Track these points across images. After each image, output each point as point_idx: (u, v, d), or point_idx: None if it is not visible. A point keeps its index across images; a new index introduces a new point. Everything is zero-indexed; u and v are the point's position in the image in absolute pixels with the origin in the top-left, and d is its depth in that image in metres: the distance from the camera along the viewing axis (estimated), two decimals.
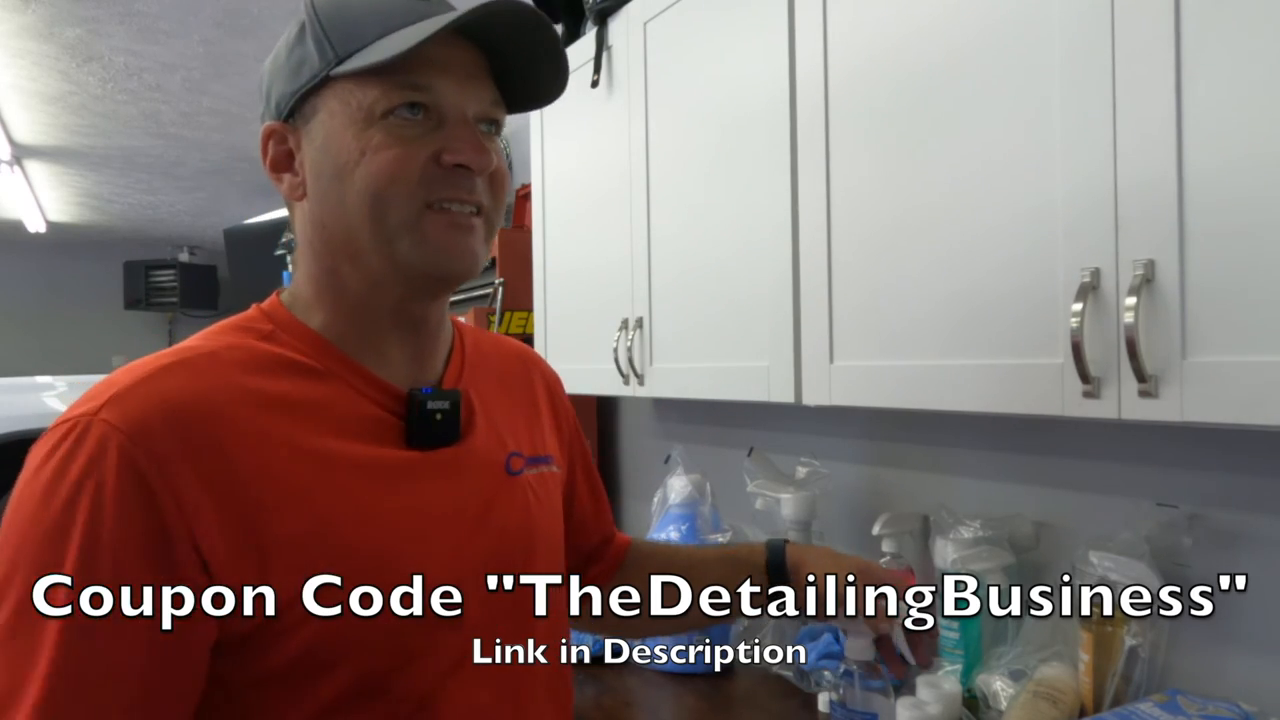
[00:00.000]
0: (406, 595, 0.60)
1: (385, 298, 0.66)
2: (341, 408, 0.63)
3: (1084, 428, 1.16)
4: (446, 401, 0.67)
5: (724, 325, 1.34)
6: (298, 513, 0.58)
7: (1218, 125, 0.73)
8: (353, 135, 0.61)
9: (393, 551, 0.61)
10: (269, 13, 3.01)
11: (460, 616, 0.63)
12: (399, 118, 0.61)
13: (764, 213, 1.24)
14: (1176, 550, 1.04)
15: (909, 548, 1.33)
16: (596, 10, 1.64)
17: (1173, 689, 0.96)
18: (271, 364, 0.62)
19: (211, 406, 0.57)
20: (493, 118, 0.66)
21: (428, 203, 0.63)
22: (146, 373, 0.58)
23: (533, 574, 0.69)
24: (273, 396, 0.60)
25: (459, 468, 0.67)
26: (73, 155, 4.77)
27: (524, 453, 0.74)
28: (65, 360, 7.39)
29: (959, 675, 1.17)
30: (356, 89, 0.61)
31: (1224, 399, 0.72)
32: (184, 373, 0.59)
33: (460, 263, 0.65)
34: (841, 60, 1.12)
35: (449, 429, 0.67)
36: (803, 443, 1.64)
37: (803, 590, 0.81)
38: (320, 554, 0.58)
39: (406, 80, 0.61)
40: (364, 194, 0.61)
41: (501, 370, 0.80)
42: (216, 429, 0.56)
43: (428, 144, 0.62)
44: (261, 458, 0.58)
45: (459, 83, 0.63)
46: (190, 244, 7.76)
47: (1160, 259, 0.76)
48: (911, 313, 1.03)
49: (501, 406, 0.76)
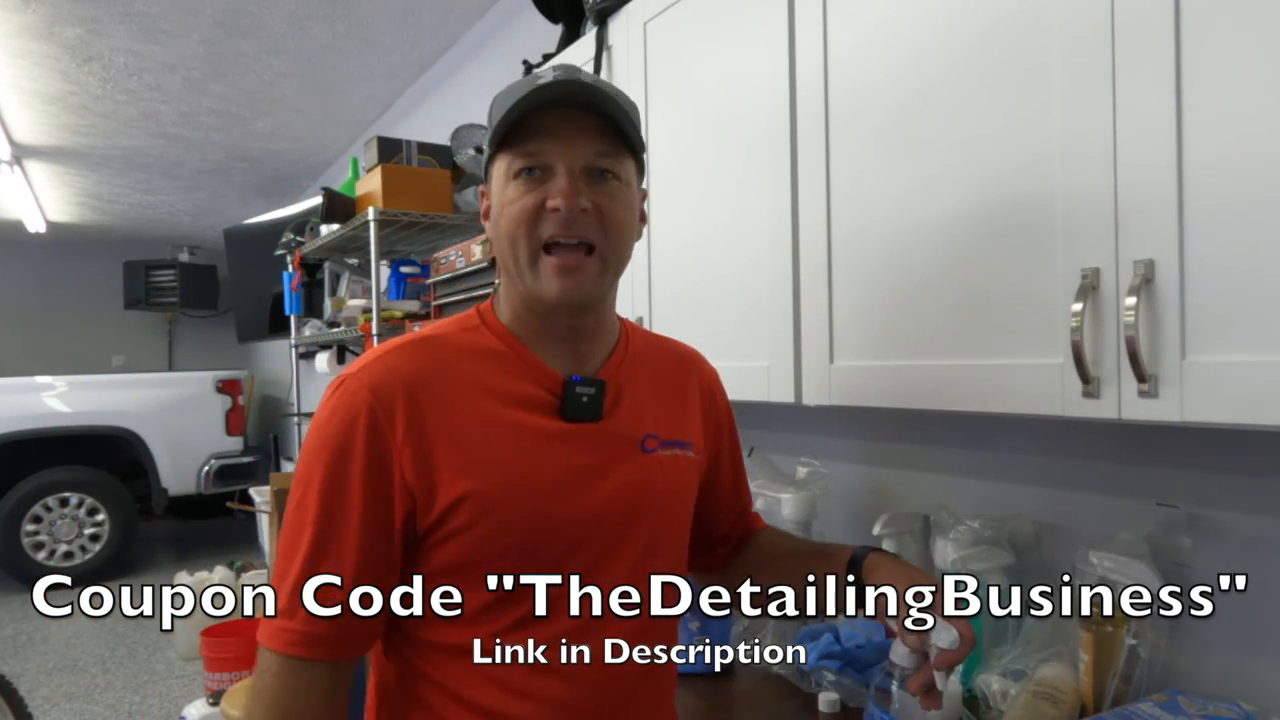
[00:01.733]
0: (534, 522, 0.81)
1: (532, 307, 0.86)
2: (515, 385, 0.85)
3: (1084, 428, 1.16)
4: (593, 388, 0.86)
5: (724, 325, 1.34)
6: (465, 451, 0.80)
7: (1218, 125, 0.73)
8: (500, 193, 0.84)
9: (526, 486, 0.81)
10: (269, 13, 3.01)
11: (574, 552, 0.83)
12: (522, 178, 0.82)
13: (764, 213, 1.24)
14: (1176, 550, 1.04)
15: (909, 548, 1.33)
16: (596, 10, 1.64)
17: (1173, 689, 0.96)
18: (471, 349, 0.87)
19: (423, 378, 0.82)
20: (602, 167, 0.83)
21: (544, 244, 0.82)
22: (388, 350, 0.84)
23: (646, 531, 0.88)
24: (468, 373, 0.84)
25: (597, 439, 0.86)
26: (73, 155, 4.77)
27: (660, 435, 0.91)
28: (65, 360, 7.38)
29: (959, 675, 1.17)
30: (502, 158, 0.84)
31: (1224, 399, 0.72)
32: (411, 352, 0.84)
33: (568, 297, 0.82)
34: (841, 60, 1.12)
35: (593, 409, 0.86)
36: (803, 443, 1.64)
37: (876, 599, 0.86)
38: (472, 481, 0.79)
39: (523, 149, 0.82)
40: (505, 236, 0.83)
41: (659, 367, 0.97)
42: (424, 393, 0.81)
43: (540, 194, 0.81)
44: (451, 413, 0.81)
45: (563, 144, 0.81)
46: (190, 244, 7.76)
47: (1160, 259, 0.76)
48: (912, 313, 1.03)
49: (650, 396, 0.93)
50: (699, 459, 0.97)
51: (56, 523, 5.08)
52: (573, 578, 0.83)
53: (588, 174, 0.82)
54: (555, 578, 0.82)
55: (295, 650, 0.77)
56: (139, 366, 7.60)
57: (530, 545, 0.81)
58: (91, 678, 3.63)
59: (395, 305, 2.64)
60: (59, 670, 3.72)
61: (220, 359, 7.81)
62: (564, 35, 1.96)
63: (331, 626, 0.77)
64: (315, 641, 0.77)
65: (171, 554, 5.88)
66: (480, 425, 0.82)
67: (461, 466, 0.80)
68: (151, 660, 3.84)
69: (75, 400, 5.19)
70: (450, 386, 0.83)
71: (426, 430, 0.80)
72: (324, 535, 0.78)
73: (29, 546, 5.00)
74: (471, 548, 0.80)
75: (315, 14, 3.03)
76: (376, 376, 0.81)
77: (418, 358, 0.84)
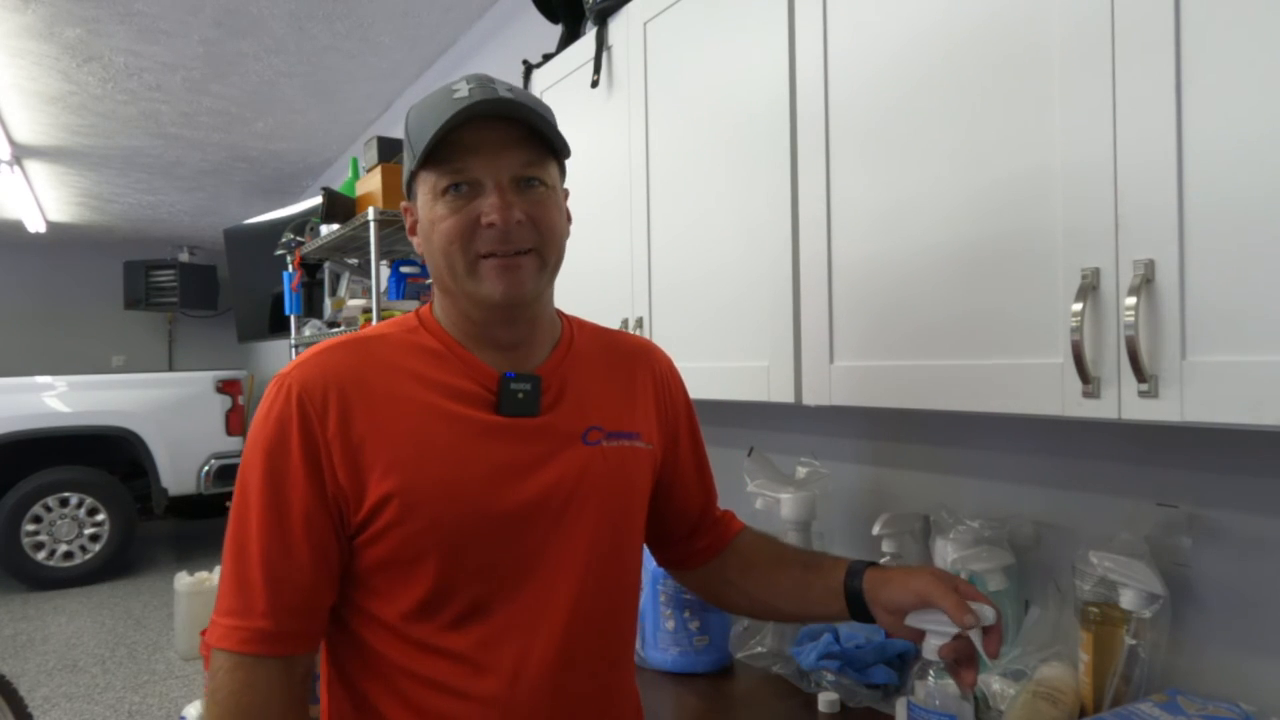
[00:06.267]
0: (466, 517, 0.81)
1: (476, 314, 0.87)
2: (452, 381, 0.86)
3: (1084, 428, 1.16)
4: (528, 384, 0.87)
5: (724, 325, 1.34)
6: (398, 445, 0.81)
7: (1218, 125, 0.73)
8: (429, 210, 0.85)
9: (459, 481, 0.82)
10: (269, 13, 3.01)
11: (510, 545, 0.83)
12: (450, 194, 0.83)
13: (764, 212, 1.24)
14: (1176, 550, 1.04)
15: (909, 548, 1.33)
16: (596, 10, 1.64)
17: (1173, 689, 0.96)
18: (410, 348, 0.88)
19: (356, 376, 0.83)
20: (528, 176, 0.84)
21: (480, 254, 0.83)
22: (322, 349, 0.85)
23: (590, 522, 0.88)
24: (405, 369, 0.85)
25: (534, 435, 0.87)
26: (73, 155, 4.77)
27: (605, 427, 0.92)
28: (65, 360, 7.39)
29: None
30: (427, 177, 0.85)
31: (1224, 399, 0.72)
32: (344, 352, 0.85)
33: (510, 293, 0.84)
34: (841, 60, 1.12)
35: (529, 404, 0.87)
36: (803, 443, 1.64)
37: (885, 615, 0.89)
38: (403, 475, 0.80)
39: (449, 166, 0.83)
40: (439, 252, 0.85)
41: (607, 360, 0.97)
42: (355, 390, 0.82)
43: (472, 210, 0.83)
44: (383, 409, 0.82)
45: (488, 158, 0.82)
46: (190, 244, 7.76)
47: (1160, 259, 0.76)
48: (912, 313, 1.03)
49: (595, 389, 0.93)
50: (652, 450, 0.98)
51: (56, 523, 5.07)
52: (509, 572, 0.83)
53: (515, 184, 0.84)
54: (490, 573, 0.82)
55: (249, 648, 0.78)
56: (139, 366, 7.61)
57: (459, 541, 0.82)
58: (91, 678, 3.63)
59: (395, 305, 2.64)
60: (59, 670, 3.72)
61: (220, 359, 7.82)
62: (564, 35, 1.96)
63: (282, 622, 0.79)
64: (268, 638, 0.78)
65: (171, 554, 5.88)
66: (412, 422, 0.82)
67: (390, 463, 0.80)
68: (151, 660, 3.84)
69: (75, 400, 5.19)
70: (383, 384, 0.84)
71: (356, 427, 0.81)
72: (269, 533, 0.79)
73: (29, 546, 4.99)
74: (401, 544, 0.81)
75: (315, 14, 3.03)
76: (309, 375, 0.82)
77: (352, 356, 0.85)
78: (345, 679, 0.86)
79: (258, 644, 0.78)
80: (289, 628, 0.79)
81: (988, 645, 0.81)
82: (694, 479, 1.07)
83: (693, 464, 1.07)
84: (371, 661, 0.84)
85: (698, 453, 1.08)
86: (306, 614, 0.81)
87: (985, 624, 0.80)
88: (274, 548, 0.79)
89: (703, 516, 1.07)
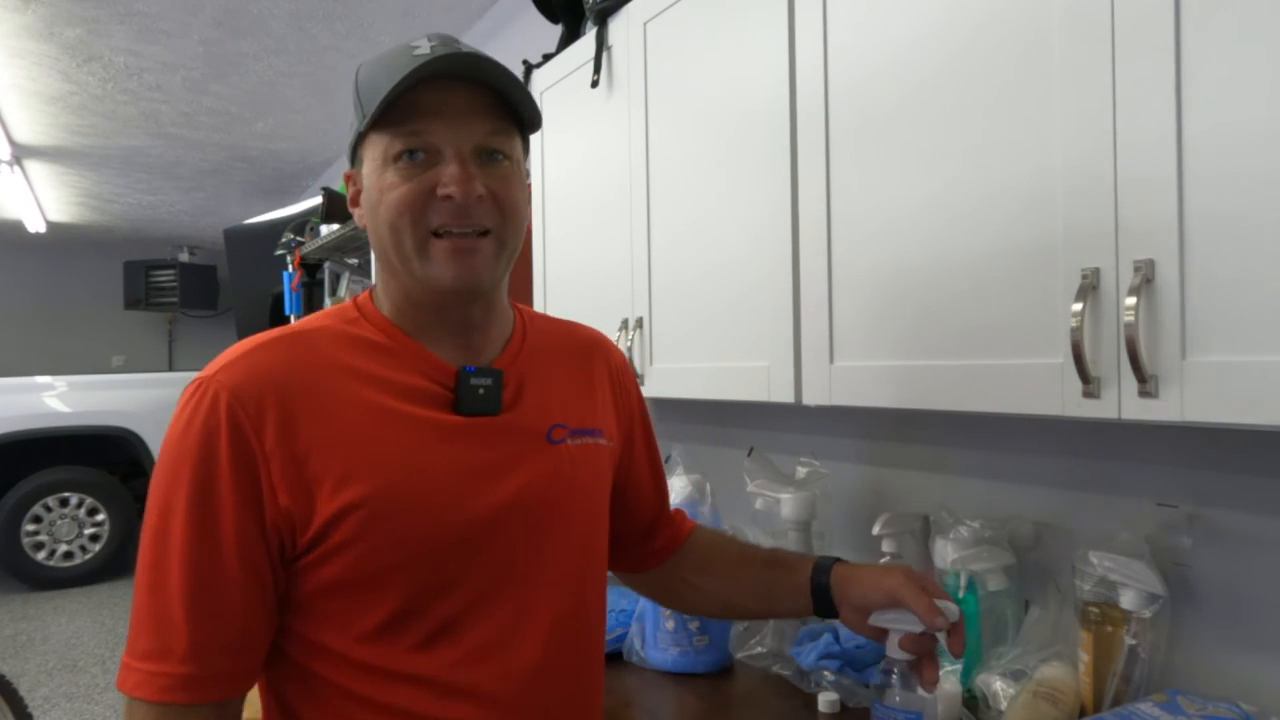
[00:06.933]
0: (433, 528, 0.73)
1: (424, 300, 0.79)
2: (403, 378, 0.77)
3: (1084, 428, 1.16)
4: (489, 379, 0.79)
5: (724, 325, 1.34)
6: (352, 452, 0.72)
7: (1218, 124, 0.73)
8: (377, 177, 0.76)
9: (423, 489, 0.74)
10: (269, 13, 3.01)
11: (482, 555, 0.76)
12: (404, 161, 0.74)
13: (764, 212, 1.24)
14: (1176, 550, 1.04)
15: (909, 548, 1.33)
16: (596, 10, 1.64)
17: (1173, 689, 0.96)
18: (352, 342, 0.78)
19: (296, 375, 0.73)
20: (492, 148, 0.76)
21: (433, 230, 0.74)
22: (252, 347, 0.74)
23: (560, 527, 0.81)
24: (350, 367, 0.76)
25: (497, 434, 0.79)
26: (73, 155, 4.77)
27: (569, 425, 0.85)
28: (65, 360, 7.39)
29: (959, 675, 1.17)
30: (378, 140, 0.75)
31: (1224, 399, 0.72)
32: (279, 348, 0.75)
33: (462, 280, 0.75)
34: (841, 60, 1.12)
35: (491, 402, 0.79)
36: (803, 443, 1.64)
37: (851, 613, 0.88)
38: (362, 485, 0.71)
39: (405, 128, 0.73)
40: (385, 225, 0.75)
41: (563, 353, 0.91)
42: (297, 391, 0.72)
43: (427, 180, 0.74)
44: (331, 411, 0.73)
45: (450, 123, 0.74)
46: (190, 244, 7.76)
47: (1160, 259, 0.76)
48: (912, 312, 1.03)
49: (555, 384, 0.87)
50: (612, 446, 0.92)
51: (56, 523, 5.08)
52: (482, 587, 0.76)
53: (477, 155, 0.75)
54: (461, 589, 0.75)
55: (172, 696, 0.68)
56: (139, 366, 7.61)
57: (426, 555, 0.73)
58: (91, 678, 3.63)
59: None
60: (59, 670, 3.72)
61: None
62: (564, 35, 1.96)
63: (211, 663, 0.69)
64: (194, 683, 0.68)
65: None
66: (364, 426, 0.73)
67: (344, 474, 0.71)
68: None
69: (75, 400, 5.19)
70: (326, 385, 0.74)
71: (300, 437, 0.71)
72: (194, 562, 0.69)
73: (29, 546, 5.00)
74: (357, 564, 0.72)
75: (315, 14, 3.03)
76: (239, 378, 0.71)
77: (287, 354, 0.74)
78: (288, 713, 0.76)
79: (181, 691, 0.68)
80: (220, 669, 0.69)
81: (952, 644, 0.81)
82: (649, 477, 1.02)
83: (647, 461, 1.01)
84: (320, 693, 0.74)
85: (651, 449, 1.03)
86: (240, 652, 0.71)
87: (950, 622, 0.81)
88: (201, 579, 0.69)
89: (658, 515, 1.03)
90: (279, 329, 0.78)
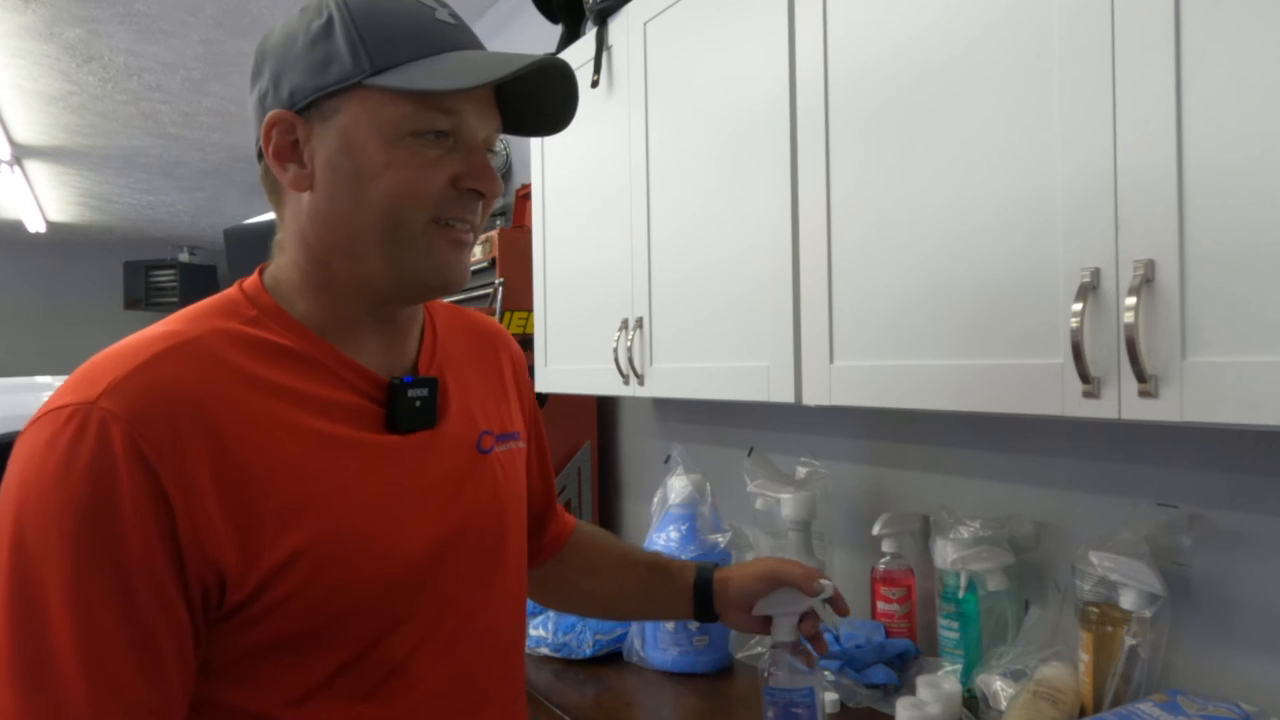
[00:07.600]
0: (383, 568, 0.64)
1: (371, 295, 0.68)
2: (326, 393, 0.66)
3: (1084, 428, 1.16)
4: (425, 389, 0.70)
5: (724, 325, 1.34)
6: (286, 489, 0.61)
7: (1218, 125, 0.73)
8: (377, 146, 0.63)
9: (369, 527, 0.64)
10: (269, 13, 3.01)
11: (432, 587, 0.68)
12: (424, 140, 0.64)
13: (764, 213, 1.24)
14: (1176, 550, 1.04)
15: (909, 548, 1.33)
16: (596, 10, 1.64)
17: (1173, 689, 0.96)
18: (259, 349, 0.64)
19: (207, 393, 0.59)
20: (492, 146, 0.71)
21: (435, 219, 0.66)
22: (140, 361, 0.59)
23: (500, 546, 0.76)
24: (263, 380, 0.63)
25: (434, 449, 0.71)
26: (73, 155, 4.77)
27: (495, 431, 0.78)
28: (65, 360, 7.38)
29: (959, 675, 1.17)
30: (388, 103, 0.63)
31: (1224, 399, 0.72)
32: (177, 359, 0.60)
33: (455, 276, 0.68)
34: (841, 60, 1.12)
35: (426, 415, 0.70)
36: (803, 443, 1.64)
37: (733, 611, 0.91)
38: (305, 529, 0.61)
39: (440, 106, 0.64)
40: (382, 203, 0.64)
41: (472, 349, 0.83)
42: (213, 414, 0.59)
43: (446, 167, 0.65)
44: (255, 439, 0.60)
45: (479, 111, 0.67)
46: (190, 244, 7.76)
47: (1160, 259, 0.76)
48: (912, 313, 1.03)
49: (474, 386, 0.79)
50: (526, 449, 0.87)
51: None
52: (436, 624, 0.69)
53: (488, 146, 0.70)
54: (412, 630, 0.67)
55: None
56: None
57: (372, 598, 0.64)
58: None
59: None
60: None
61: None
62: (564, 35, 1.96)
63: None
64: None
65: None
66: (293, 456, 0.61)
67: (281, 515, 0.60)
68: None
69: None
70: (242, 405, 0.60)
71: (225, 473, 0.58)
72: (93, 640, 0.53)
73: None
74: (301, 616, 0.61)
75: None
76: (134, 403, 0.56)
77: (186, 367, 0.59)
78: None
79: None
80: None
81: (838, 608, 0.86)
82: (538, 470, 0.95)
83: (537, 454, 0.95)
84: None
85: (541, 448, 0.97)
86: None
87: (827, 596, 0.86)
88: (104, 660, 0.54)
89: (545, 510, 0.97)
90: (152, 333, 0.62)
